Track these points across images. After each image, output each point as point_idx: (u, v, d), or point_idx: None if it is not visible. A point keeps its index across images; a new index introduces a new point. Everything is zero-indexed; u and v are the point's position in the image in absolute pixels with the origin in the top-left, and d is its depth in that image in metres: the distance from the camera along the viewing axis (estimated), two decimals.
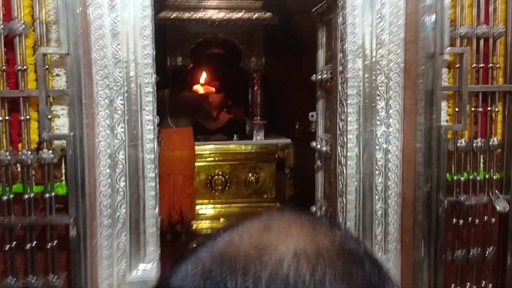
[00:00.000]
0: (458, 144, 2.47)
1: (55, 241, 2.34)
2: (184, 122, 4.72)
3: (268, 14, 5.17)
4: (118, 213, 2.41)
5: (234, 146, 5.35)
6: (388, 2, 2.41)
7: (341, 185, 2.61)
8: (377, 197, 2.57)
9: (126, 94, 2.35)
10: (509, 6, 2.36)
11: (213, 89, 5.40)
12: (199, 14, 5.09)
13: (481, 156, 2.50)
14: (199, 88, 5.45)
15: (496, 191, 2.47)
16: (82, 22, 2.25)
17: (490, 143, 2.46)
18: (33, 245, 2.32)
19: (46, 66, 2.22)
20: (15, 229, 2.32)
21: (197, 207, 5.14)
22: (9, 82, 2.22)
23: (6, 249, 2.30)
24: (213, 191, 5.36)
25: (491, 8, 2.37)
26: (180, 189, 4.72)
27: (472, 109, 2.46)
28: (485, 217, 2.53)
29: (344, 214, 2.60)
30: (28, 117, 2.25)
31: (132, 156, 2.40)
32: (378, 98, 2.48)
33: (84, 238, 2.34)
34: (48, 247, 2.33)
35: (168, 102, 4.64)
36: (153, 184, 2.47)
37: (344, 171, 2.57)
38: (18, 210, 2.33)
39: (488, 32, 2.38)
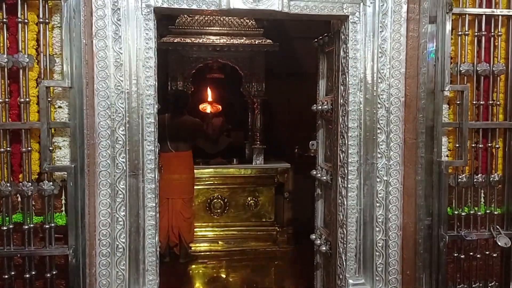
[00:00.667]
0: (459, 180, 2.45)
1: (54, 271, 2.30)
2: (184, 146, 4.71)
3: (268, 41, 5.19)
4: (117, 243, 2.39)
5: (234, 169, 5.32)
6: (389, 37, 2.42)
7: (341, 216, 2.59)
8: (377, 228, 2.55)
9: (127, 125, 2.34)
10: (509, 44, 2.35)
11: (219, 106, 5.38)
12: (201, 40, 5.11)
13: (482, 191, 2.47)
14: (206, 106, 5.42)
15: (497, 226, 2.43)
16: (87, 53, 2.24)
17: (491, 178, 2.44)
18: (32, 274, 2.28)
19: (49, 99, 2.20)
20: (14, 259, 2.28)
21: (196, 229, 5.10)
22: (12, 113, 2.21)
23: (6, 277, 2.26)
24: (212, 214, 5.32)
25: (491, 46, 2.37)
26: (179, 212, 4.69)
27: (473, 145, 2.44)
28: (487, 252, 2.48)
29: (345, 244, 2.57)
30: (29, 148, 2.23)
31: (133, 185, 2.38)
32: (379, 131, 2.48)
33: (83, 267, 2.31)
34: (47, 276, 2.29)
35: (168, 126, 4.62)
36: (153, 213, 2.45)
37: (345, 202, 2.55)
38: (17, 240, 2.30)
39: (489, 69, 2.37)
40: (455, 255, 2.49)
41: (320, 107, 3.00)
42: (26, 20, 2.18)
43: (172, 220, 4.68)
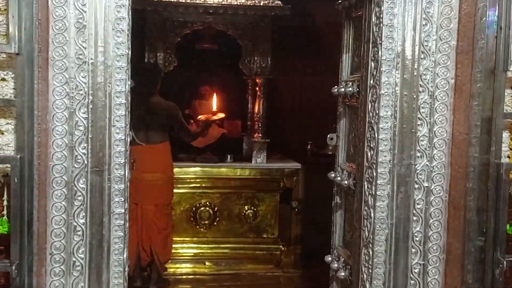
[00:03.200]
0: None
1: None
2: (157, 136, 4.68)
3: (277, 2, 5.17)
4: (74, 259, 2.40)
5: (227, 169, 5.30)
6: None
7: (367, 232, 2.59)
8: (413, 250, 2.55)
9: (91, 106, 2.34)
10: None
11: (222, 115, 5.35)
12: None
13: None
14: (208, 117, 5.36)
15: None
16: (40, 11, 2.24)
17: None
18: None
19: None
20: None
21: (176, 245, 5.09)
22: None
23: None
24: (198, 227, 5.31)
25: None
26: (151, 222, 4.68)
27: None
28: None
29: (370, 270, 2.57)
30: None
31: (96, 185, 2.39)
32: (419, 122, 2.47)
33: None
34: None
35: (132, 110, 4.58)
36: (122, 222, 2.45)
37: (372, 215, 2.55)
38: None
39: None
40: None
41: (342, 89, 2.99)
42: None
43: (143, 232, 4.67)
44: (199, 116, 5.17)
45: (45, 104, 2.29)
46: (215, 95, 5.29)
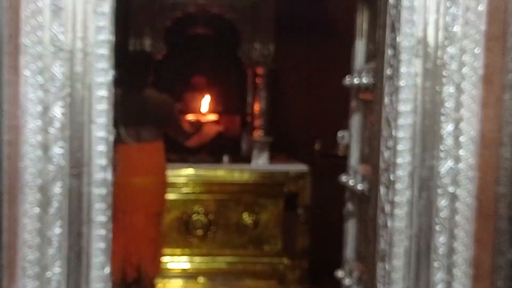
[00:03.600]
0: None
1: None
2: (149, 134, 4.70)
3: None
4: (50, 274, 2.39)
5: (224, 172, 5.36)
6: None
7: (383, 244, 2.59)
8: (436, 264, 2.54)
9: (68, 99, 2.33)
10: None
11: (213, 117, 5.37)
12: None
13: None
14: (197, 118, 5.37)
15: None
16: None
17: None
18: None
19: None
20: None
21: (165, 258, 5.11)
22: None
23: None
24: (190, 238, 5.35)
25: None
26: (141, 233, 4.70)
27: None
28: None
29: (387, 287, 2.57)
30: None
31: (74, 190, 2.39)
32: (443, 118, 2.46)
33: None
34: None
35: (121, 105, 4.58)
36: (104, 232, 2.45)
37: (389, 224, 2.55)
38: None
39: None
40: None
41: (355, 81, 3.00)
42: None
43: (131, 244, 4.68)
44: (188, 116, 5.20)
45: (15, 97, 2.29)
46: (207, 96, 5.31)
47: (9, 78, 2.28)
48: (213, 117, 5.36)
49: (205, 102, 5.30)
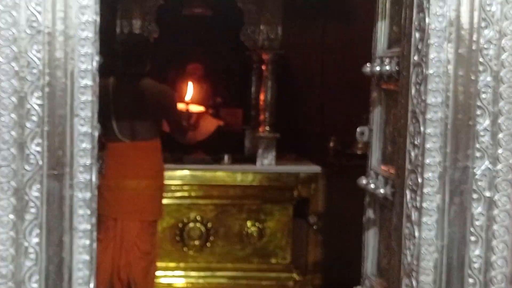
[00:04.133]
0: None
1: None
2: (145, 131, 4.69)
3: None
4: None
5: (224, 174, 5.36)
6: None
7: (409, 257, 2.60)
8: (471, 280, 2.54)
9: (47, 89, 2.33)
10: None
11: (201, 108, 5.34)
12: None
13: None
14: (183, 107, 5.37)
15: None
16: None
17: None
18: None
19: None
20: None
21: (158, 273, 5.10)
22: None
23: None
24: (186, 249, 5.37)
25: None
26: (133, 244, 4.69)
27: None
28: None
29: None
30: None
31: (54, 193, 2.39)
32: (479, 112, 2.47)
33: None
34: None
35: (115, 97, 4.61)
36: (87, 242, 2.45)
37: (416, 234, 2.55)
38: None
39: None
40: None
41: (377, 68, 3.00)
42: None
43: (121, 256, 4.68)
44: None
45: None
46: (190, 83, 5.28)
47: None
48: (200, 108, 5.29)
49: (189, 90, 5.25)
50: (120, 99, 4.63)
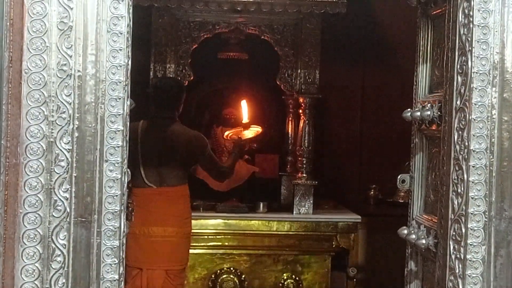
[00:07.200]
0: None
1: None
2: (173, 178, 4.70)
3: None
4: None
5: (259, 222, 5.34)
6: None
7: None
8: None
9: (76, 134, 2.35)
10: None
11: (258, 128, 5.34)
12: None
13: None
14: (239, 132, 5.36)
15: None
16: (12, 7, 2.27)
17: None
18: None
19: None
20: None
21: None
22: None
23: None
24: None
25: None
26: None
27: None
28: None
29: None
30: None
31: (82, 241, 2.39)
32: None
33: None
34: None
35: (144, 142, 4.63)
36: None
37: (461, 287, 2.52)
38: None
39: None
40: None
41: (418, 113, 3.00)
42: None
43: None
44: (226, 133, 5.19)
45: (15, 131, 2.30)
46: (244, 102, 5.29)
47: (9, 109, 2.29)
48: (258, 128, 5.28)
49: (244, 110, 5.24)
50: (149, 143, 4.64)
